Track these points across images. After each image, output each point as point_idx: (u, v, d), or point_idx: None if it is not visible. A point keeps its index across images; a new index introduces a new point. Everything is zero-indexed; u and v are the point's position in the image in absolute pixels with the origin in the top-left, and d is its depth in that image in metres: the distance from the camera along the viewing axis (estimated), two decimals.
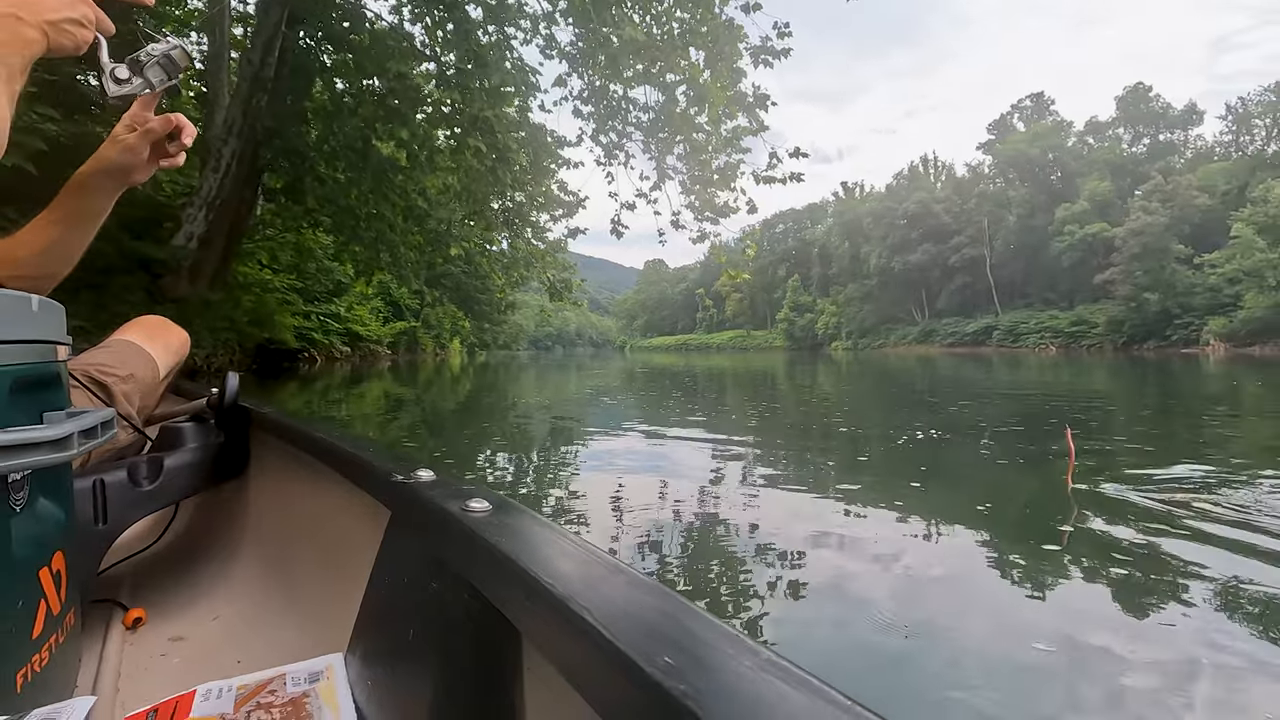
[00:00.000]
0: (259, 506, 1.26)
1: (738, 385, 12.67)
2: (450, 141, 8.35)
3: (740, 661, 0.29)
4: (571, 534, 0.50)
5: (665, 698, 0.27)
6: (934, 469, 3.71)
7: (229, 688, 0.69)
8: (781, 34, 6.72)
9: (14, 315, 0.58)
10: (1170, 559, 2.05)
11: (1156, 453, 4.09)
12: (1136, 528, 2.37)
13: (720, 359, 35.52)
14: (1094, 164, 54.18)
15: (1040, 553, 2.20)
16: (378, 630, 0.73)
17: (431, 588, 0.63)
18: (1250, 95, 52.57)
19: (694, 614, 0.35)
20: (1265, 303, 32.67)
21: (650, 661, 0.29)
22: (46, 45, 0.69)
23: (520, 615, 0.45)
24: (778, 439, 5.25)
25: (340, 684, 0.70)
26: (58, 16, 0.69)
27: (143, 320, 1.33)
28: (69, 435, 0.58)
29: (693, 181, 8.05)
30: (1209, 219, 41.22)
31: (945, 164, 73.46)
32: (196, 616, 1.04)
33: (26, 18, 0.67)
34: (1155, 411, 7.00)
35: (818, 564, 2.12)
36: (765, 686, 0.27)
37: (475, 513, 0.55)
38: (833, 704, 0.26)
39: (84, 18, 0.72)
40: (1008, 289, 57.33)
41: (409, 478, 0.69)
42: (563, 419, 7.01)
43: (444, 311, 27.92)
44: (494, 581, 0.48)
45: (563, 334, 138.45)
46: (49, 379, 0.63)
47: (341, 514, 0.95)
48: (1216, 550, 2.13)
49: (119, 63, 0.79)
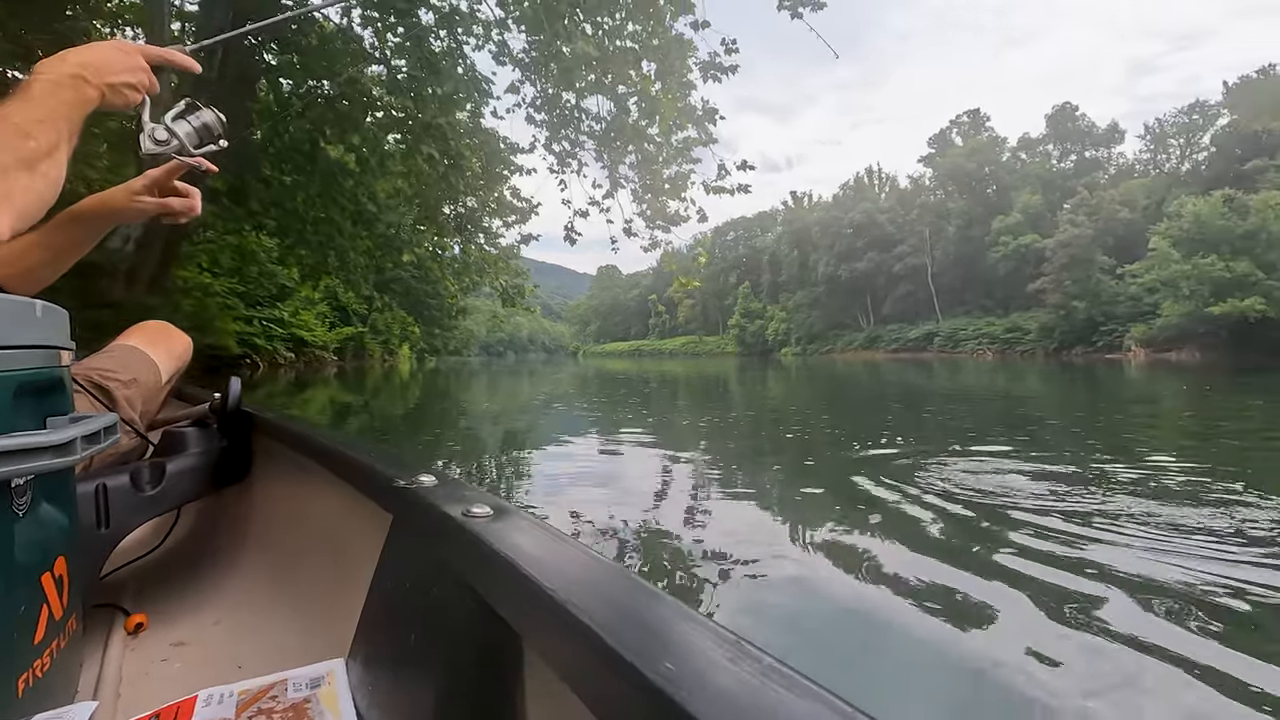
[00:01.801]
0: (261, 511, 1.26)
1: (690, 391, 12.88)
2: (401, 146, 8.29)
3: (741, 667, 0.29)
4: (574, 539, 0.51)
5: (666, 703, 0.27)
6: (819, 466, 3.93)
7: (230, 693, 0.69)
8: (729, 50, 6.95)
9: (18, 321, 0.58)
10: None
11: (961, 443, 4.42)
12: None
13: (673, 364, 35.83)
14: (1026, 178, 56.80)
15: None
16: (379, 635, 0.73)
17: (433, 593, 0.63)
18: (1166, 116, 56.11)
19: (695, 619, 0.35)
20: (1180, 311, 34.71)
21: (651, 667, 0.29)
22: (100, 104, 0.75)
23: (522, 620, 0.45)
24: (727, 444, 5.42)
25: (342, 689, 0.69)
26: (118, 80, 0.76)
27: (146, 325, 1.34)
28: (72, 440, 0.58)
29: (644, 190, 8.20)
30: (1130, 232, 43.64)
31: (889, 175, 75.92)
32: (198, 622, 1.03)
33: (91, 79, 0.73)
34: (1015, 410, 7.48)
35: (756, 552, 2.27)
36: (766, 692, 0.27)
37: (477, 518, 0.55)
38: (834, 710, 0.26)
39: (139, 83, 0.79)
40: (948, 296, 59.50)
41: (411, 482, 0.69)
42: (515, 427, 7.05)
43: (393, 317, 27.36)
44: (496, 587, 0.48)
45: (515, 339, 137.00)
46: (52, 384, 0.63)
47: (343, 519, 0.96)
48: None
49: (158, 124, 0.84)
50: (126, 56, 0.78)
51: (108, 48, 0.78)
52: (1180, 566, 2.05)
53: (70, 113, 0.71)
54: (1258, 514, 2.65)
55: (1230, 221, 33.68)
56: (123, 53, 0.78)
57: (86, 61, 0.74)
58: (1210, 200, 34.91)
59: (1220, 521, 2.55)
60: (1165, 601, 1.79)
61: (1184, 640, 1.56)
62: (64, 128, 0.70)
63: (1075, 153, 58.46)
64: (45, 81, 0.70)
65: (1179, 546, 2.24)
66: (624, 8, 7.03)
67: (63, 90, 0.71)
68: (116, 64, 0.76)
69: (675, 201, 7.97)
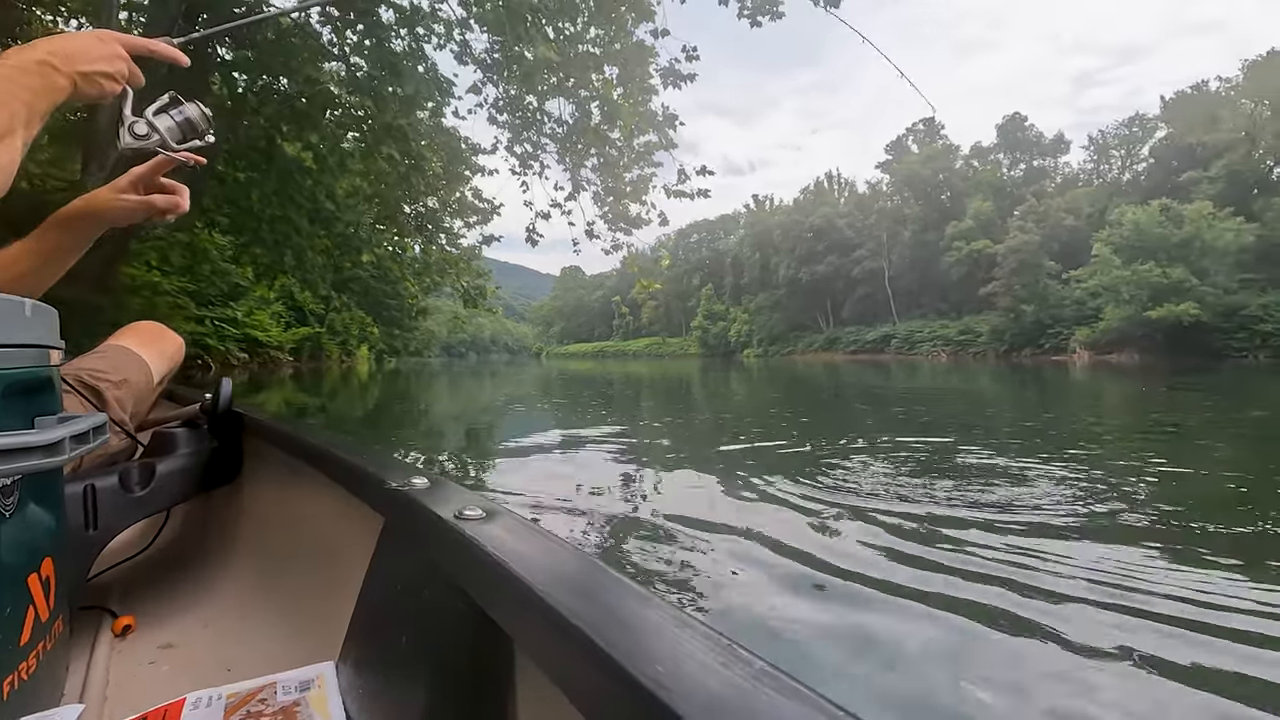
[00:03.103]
0: (251, 513, 1.25)
1: (654, 392, 12.99)
2: (360, 144, 8.20)
3: (733, 670, 0.29)
4: (566, 542, 0.50)
5: (658, 706, 0.27)
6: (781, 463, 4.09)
7: (218, 696, 0.69)
8: (690, 57, 7.08)
9: (6, 319, 0.58)
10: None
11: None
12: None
13: (637, 365, 35.96)
14: (978, 185, 58.53)
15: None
16: (370, 638, 0.73)
17: (424, 595, 0.63)
18: (1108, 128, 58.51)
19: (687, 623, 0.35)
20: (1120, 315, 36.20)
21: (643, 670, 0.29)
22: (72, 93, 0.71)
23: (514, 623, 0.45)
24: (689, 442, 5.54)
25: (331, 693, 0.69)
26: (90, 68, 0.72)
27: (138, 326, 1.33)
28: (60, 440, 0.57)
29: (606, 193, 8.28)
30: (1075, 239, 45.33)
31: (848, 181, 77.44)
32: (187, 624, 1.02)
33: (60, 67, 0.69)
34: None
35: (714, 542, 2.38)
36: (758, 696, 0.27)
37: (469, 520, 0.55)
38: (825, 714, 0.26)
39: (117, 72, 0.75)
40: (904, 299, 60.97)
41: (403, 485, 0.69)
42: (476, 428, 7.04)
43: (351, 317, 26.85)
44: (487, 589, 0.48)
45: (477, 340, 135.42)
46: (41, 384, 0.63)
47: (335, 521, 0.95)
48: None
49: (139, 117, 0.80)
50: (103, 45, 0.74)
51: (84, 36, 0.75)
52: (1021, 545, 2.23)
53: (31, 99, 0.67)
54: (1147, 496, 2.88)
55: (1167, 230, 35.34)
56: (100, 41, 0.75)
57: (56, 49, 0.70)
58: (1148, 209, 36.58)
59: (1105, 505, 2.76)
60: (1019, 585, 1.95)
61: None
62: (21, 113, 0.66)
63: (1024, 162, 60.47)
64: (7, 67, 0.66)
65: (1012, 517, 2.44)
66: (585, 13, 7.10)
67: (26, 76, 0.67)
68: (91, 52, 0.72)
69: (636, 205, 8.07)
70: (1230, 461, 4.24)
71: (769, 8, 6.95)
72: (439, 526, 0.57)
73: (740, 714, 0.26)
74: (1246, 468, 4.03)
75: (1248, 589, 1.93)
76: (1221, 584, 1.96)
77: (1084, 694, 1.39)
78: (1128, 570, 2.06)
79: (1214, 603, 1.81)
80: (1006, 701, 1.36)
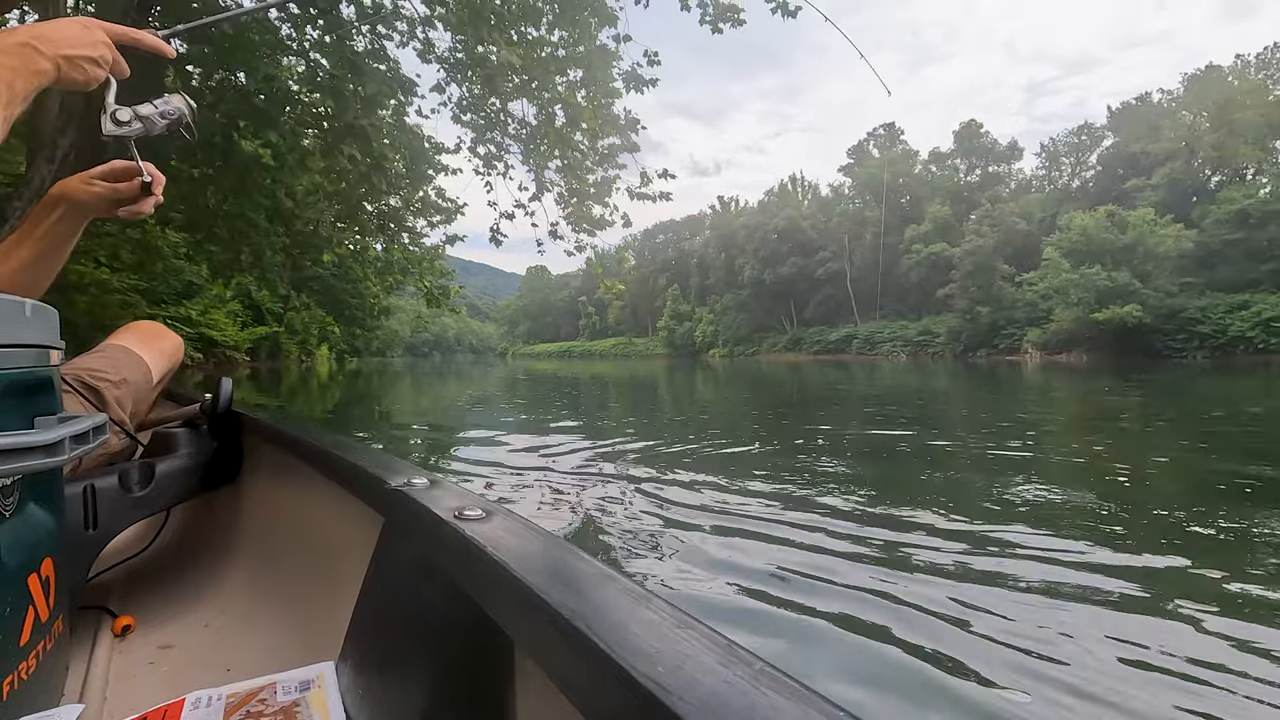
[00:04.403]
0: (251, 513, 1.25)
1: (620, 392, 13.09)
2: (321, 142, 8.10)
3: (732, 670, 0.29)
4: (566, 542, 0.50)
5: (657, 706, 0.27)
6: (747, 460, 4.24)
7: (218, 696, 0.68)
8: (652, 62, 7.19)
9: (6, 319, 0.58)
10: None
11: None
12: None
13: (604, 366, 35.99)
14: (937, 190, 59.98)
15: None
16: (370, 639, 0.73)
17: (424, 595, 0.62)
18: (1059, 136, 60.50)
19: (687, 622, 0.35)
20: (1069, 316, 37.48)
21: (643, 671, 0.29)
22: (56, 78, 0.71)
23: (513, 624, 0.45)
24: (652, 440, 5.65)
25: (331, 693, 0.69)
26: (74, 53, 0.72)
27: (137, 325, 1.32)
28: (60, 441, 0.57)
29: (570, 194, 8.33)
30: (1028, 243, 46.68)
31: (811, 184, 78.68)
32: (186, 624, 1.02)
33: (43, 49, 0.69)
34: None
35: (676, 526, 2.50)
36: (758, 697, 0.27)
37: (469, 520, 0.55)
38: (825, 715, 0.26)
39: (101, 58, 0.75)
40: (866, 301, 62.12)
41: (402, 485, 0.69)
42: (438, 434, 7.05)
43: (311, 316, 26.28)
44: (487, 590, 0.48)
45: (441, 340, 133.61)
46: (41, 384, 0.63)
47: (334, 521, 0.95)
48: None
49: (122, 105, 0.80)
50: (87, 32, 0.75)
51: (69, 22, 0.75)
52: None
53: (11, 79, 0.67)
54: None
55: (1112, 235, 36.77)
56: (84, 28, 0.75)
57: (39, 33, 0.71)
58: (1095, 215, 38.02)
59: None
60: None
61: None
62: (1, 93, 0.66)
63: (980, 167, 62.11)
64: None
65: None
66: (549, 14, 7.15)
67: (5, 56, 0.67)
68: (75, 38, 0.73)
69: (600, 207, 8.14)
70: (1150, 451, 4.53)
71: (730, 15, 7.09)
72: (439, 526, 0.57)
73: (739, 714, 0.26)
74: (1159, 458, 4.32)
75: (1151, 560, 2.13)
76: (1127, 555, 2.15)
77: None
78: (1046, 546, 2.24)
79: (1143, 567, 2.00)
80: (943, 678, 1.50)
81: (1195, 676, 1.47)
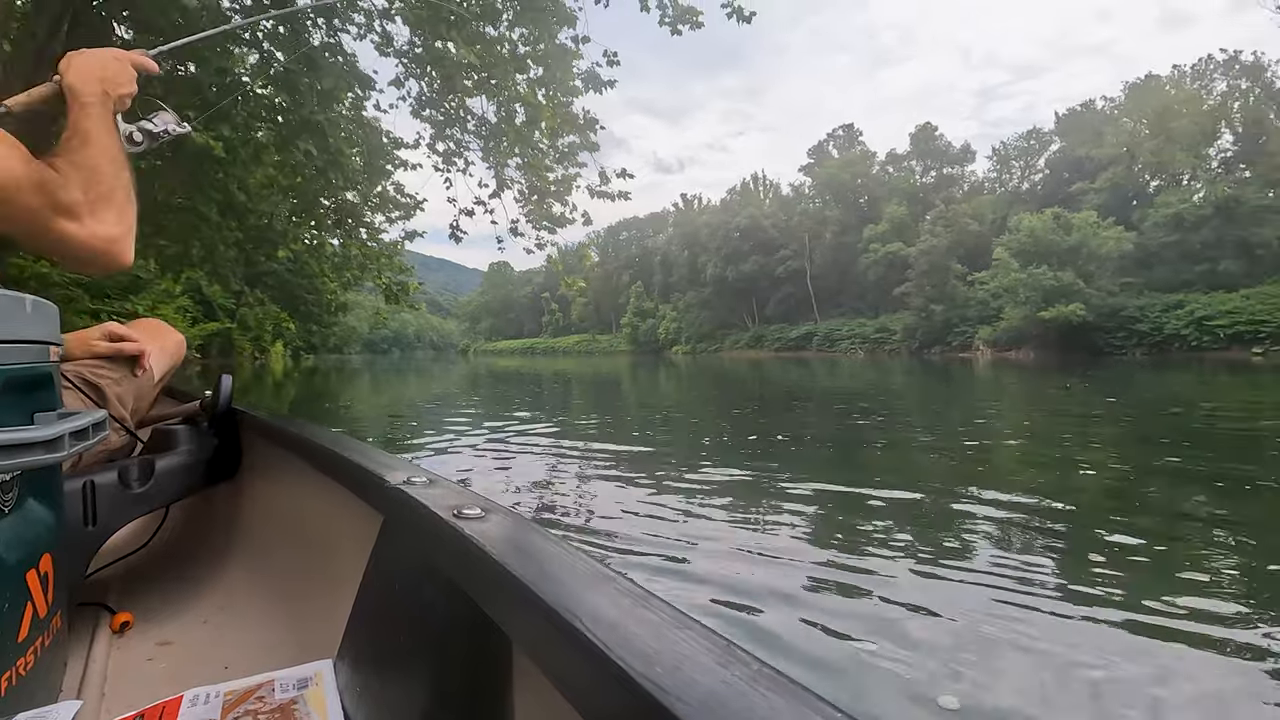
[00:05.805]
0: (250, 511, 1.25)
1: (584, 389, 13.14)
2: (275, 136, 7.95)
3: (730, 670, 0.29)
4: (565, 542, 0.50)
5: (655, 706, 0.27)
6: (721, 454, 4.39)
7: (216, 693, 0.68)
8: (611, 62, 7.26)
9: (6, 315, 0.58)
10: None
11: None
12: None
13: (567, 362, 35.92)
14: (893, 190, 61.22)
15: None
16: (368, 637, 0.73)
17: (423, 594, 0.62)
18: (1009, 140, 62.45)
19: (686, 623, 0.35)
20: (1018, 315, 38.78)
21: (641, 671, 0.29)
22: (115, 110, 0.89)
23: (512, 623, 0.45)
24: (615, 436, 5.74)
25: (329, 690, 0.69)
26: (125, 92, 0.90)
27: (138, 323, 1.33)
28: (60, 437, 0.57)
29: (530, 192, 8.35)
30: (980, 243, 47.95)
31: (772, 183, 79.48)
32: (185, 621, 1.02)
33: (111, 93, 0.87)
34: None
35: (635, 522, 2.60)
36: (757, 698, 0.27)
37: (468, 519, 0.55)
38: (824, 715, 0.26)
39: (133, 91, 0.93)
40: (825, 298, 63.12)
41: (402, 483, 0.69)
42: (397, 432, 7.02)
43: (265, 312, 25.64)
44: (486, 589, 0.48)
45: (401, 336, 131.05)
46: (41, 380, 0.63)
47: (333, 519, 0.95)
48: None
49: (132, 125, 0.94)
50: (124, 67, 0.91)
51: (110, 59, 0.90)
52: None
53: (106, 117, 0.86)
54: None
55: (1058, 236, 38.19)
56: (119, 62, 0.90)
57: (106, 78, 0.87)
58: (1042, 217, 39.42)
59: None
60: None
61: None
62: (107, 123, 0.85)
63: (935, 169, 63.62)
64: (96, 105, 0.84)
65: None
66: (509, 13, 7.16)
67: (107, 112, 0.85)
68: (122, 75, 0.90)
69: (560, 205, 8.18)
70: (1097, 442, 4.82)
71: (689, 18, 7.21)
72: (437, 525, 0.56)
73: (737, 714, 0.26)
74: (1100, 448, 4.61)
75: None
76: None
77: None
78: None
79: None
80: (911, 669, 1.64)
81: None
